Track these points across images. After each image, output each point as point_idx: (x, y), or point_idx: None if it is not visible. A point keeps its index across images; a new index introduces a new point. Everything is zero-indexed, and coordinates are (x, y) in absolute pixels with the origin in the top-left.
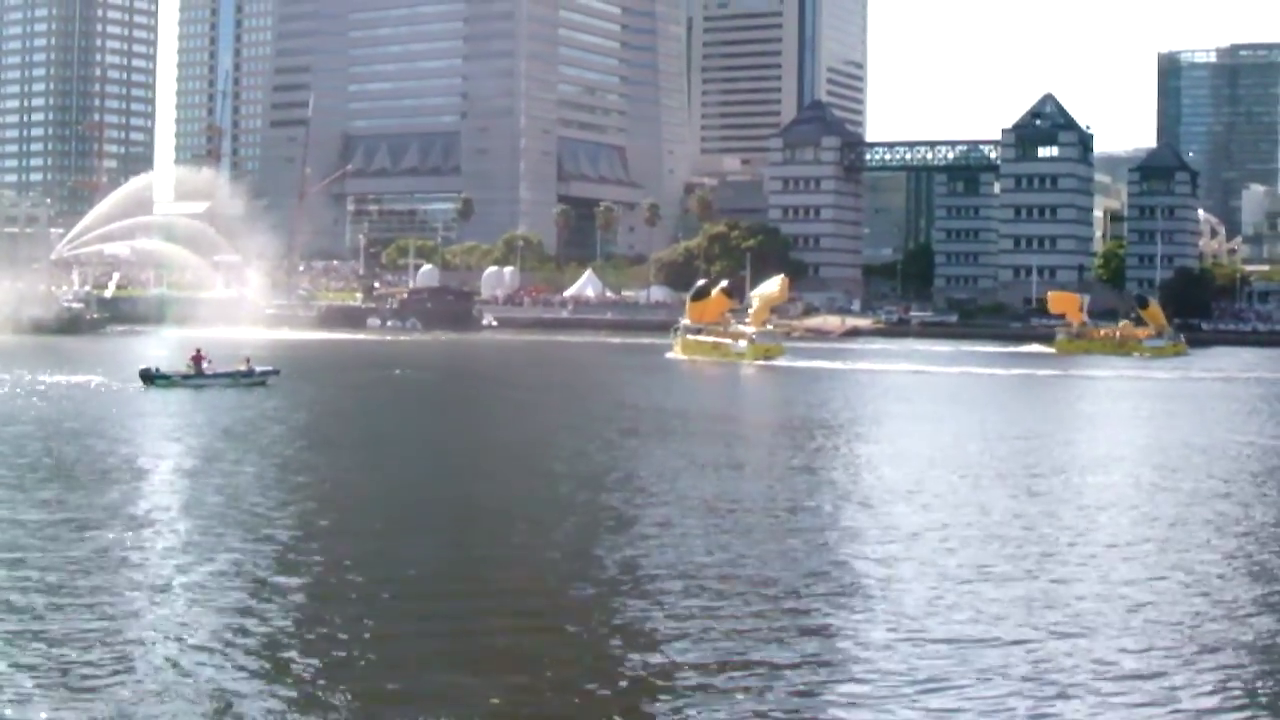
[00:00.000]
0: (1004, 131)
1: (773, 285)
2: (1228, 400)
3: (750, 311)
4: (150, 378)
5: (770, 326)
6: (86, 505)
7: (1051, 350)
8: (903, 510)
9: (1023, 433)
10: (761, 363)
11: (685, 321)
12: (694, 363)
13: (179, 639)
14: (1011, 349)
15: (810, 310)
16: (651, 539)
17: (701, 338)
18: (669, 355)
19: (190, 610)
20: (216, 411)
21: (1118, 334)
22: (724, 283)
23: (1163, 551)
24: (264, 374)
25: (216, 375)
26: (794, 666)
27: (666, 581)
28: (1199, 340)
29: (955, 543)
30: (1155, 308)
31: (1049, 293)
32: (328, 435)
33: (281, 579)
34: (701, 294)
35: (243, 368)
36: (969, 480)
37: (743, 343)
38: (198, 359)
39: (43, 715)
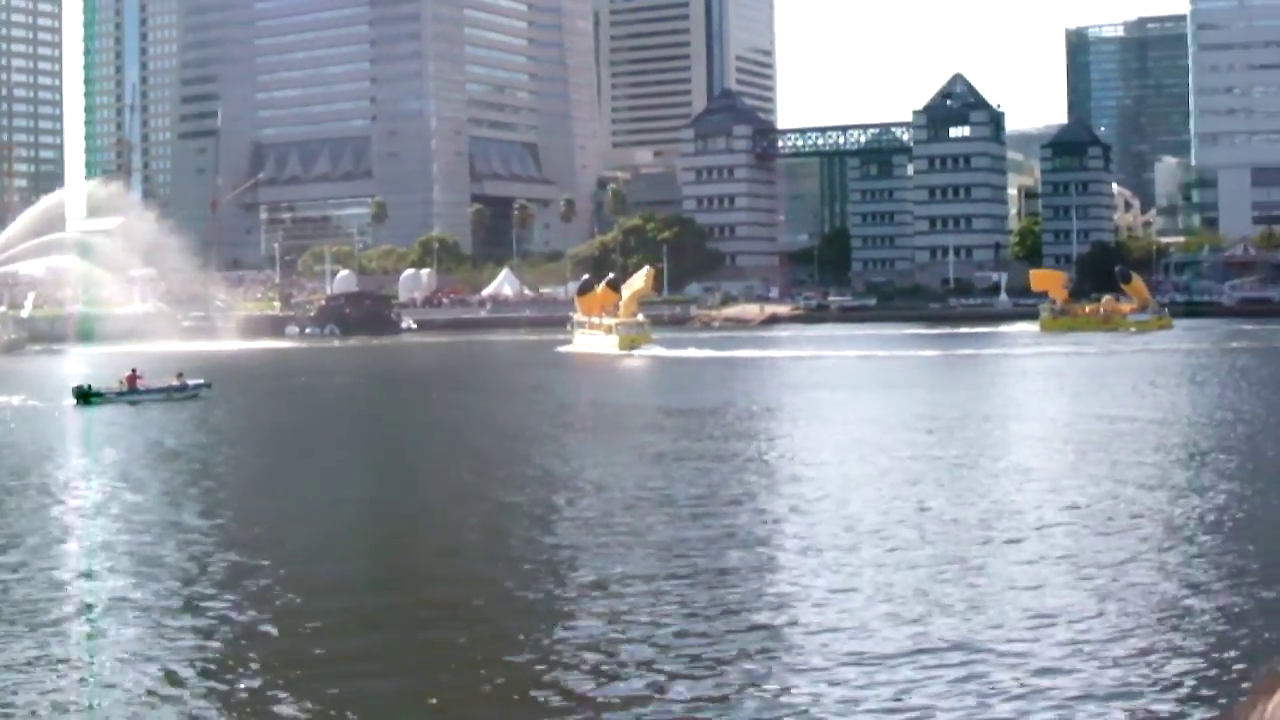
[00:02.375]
0: (915, 113)
1: (638, 279)
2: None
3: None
4: (84, 395)
5: (640, 317)
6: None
7: (1036, 328)
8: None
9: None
10: (629, 352)
11: (576, 316)
12: (582, 356)
13: (110, 652)
14: (993, 329)
15: (729, 299)
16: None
17: (585, 332)
18: (560, 349)
19: (121, 622)
20: (155, 427)
21: (1102, 310)
22: (611, 276)
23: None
24: (196, 387)
25: (150, 391)
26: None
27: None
28: None
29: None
30: (1138, 282)
31: (1031, 271)
32: (266, 444)
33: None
34: (587, 288)
35: (175, 382)
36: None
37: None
38: (132, 378)
39: None
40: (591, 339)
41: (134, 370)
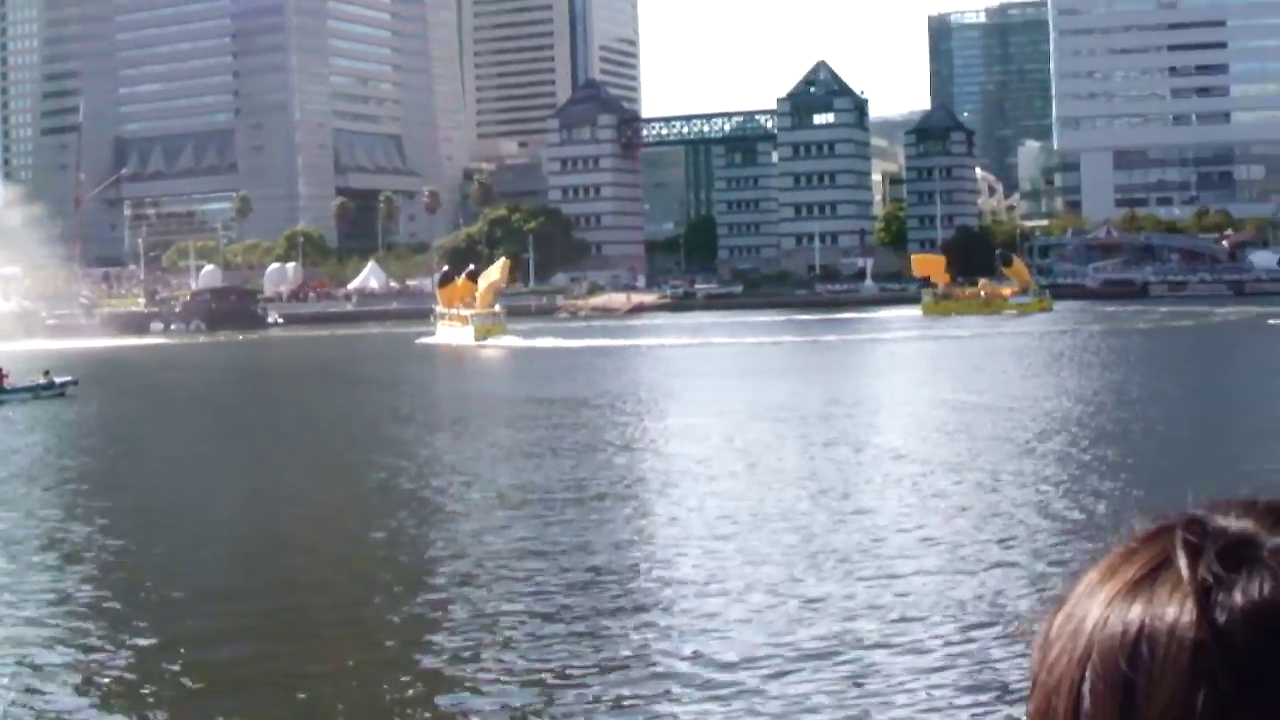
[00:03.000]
0: (779, 101)
1: (494, 270)
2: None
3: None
4: None
5: (496, 308)
6: None
7: (918, 312)
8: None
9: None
10: (483, 343)
11: (438, 307)
12: (442, 348)
13: None
14: (874, 314)
15: (595, 289)
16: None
17: (445, 324)
18: (420, 341)
19: None
20: (21, 425)
21: (983, 293)
22: (471, 267)
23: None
24: (63, 385)
25: (16, 390)
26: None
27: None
28: None
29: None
30: (1019, 264)
31: (913, 256)
32: (135, 443)
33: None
34: (447, 280)
35: (42, 380)
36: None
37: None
38: None
39: None
40: (451, 331)
41: None
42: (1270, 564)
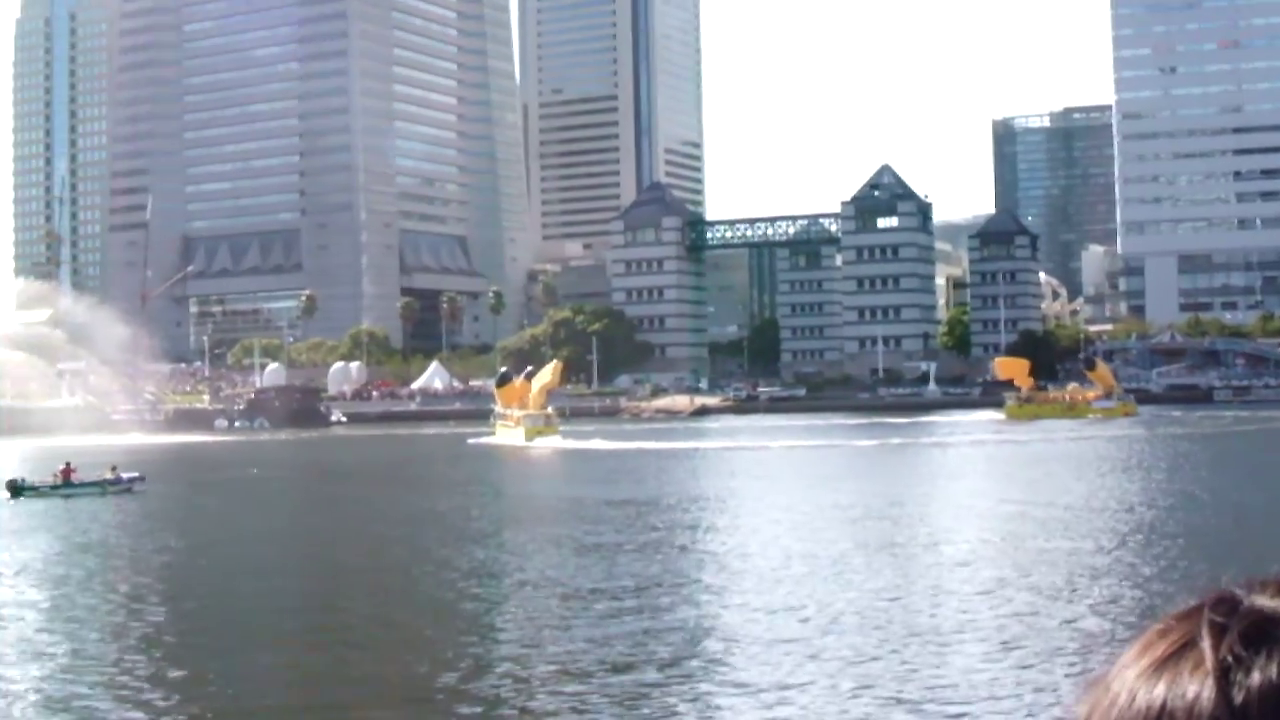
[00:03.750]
0: (843, 204)
1: (546, 372)
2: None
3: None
4: (17, 489)
5: (549, 410)
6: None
7: (998, 416)
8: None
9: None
10: (534, 444)
11: (497, 407)
12: (496, 448)
13: None
14: (963, 416)
15: (659, 391)
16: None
17: (501, 424)
18: (472, 441)
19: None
20: (90, 520)
21: (1067, 397)
22: (529, 369)
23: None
24: (130, 480)
25: (84, 485)
26: None
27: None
28: None
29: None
30: (1103, 369)
31: (995, 359)
32: (200, 539)
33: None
34: (505, 380)
35: (110, 475)
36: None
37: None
38: (67, 471)
39: None
40: (506, 431)
41: (68, 464)
42: None
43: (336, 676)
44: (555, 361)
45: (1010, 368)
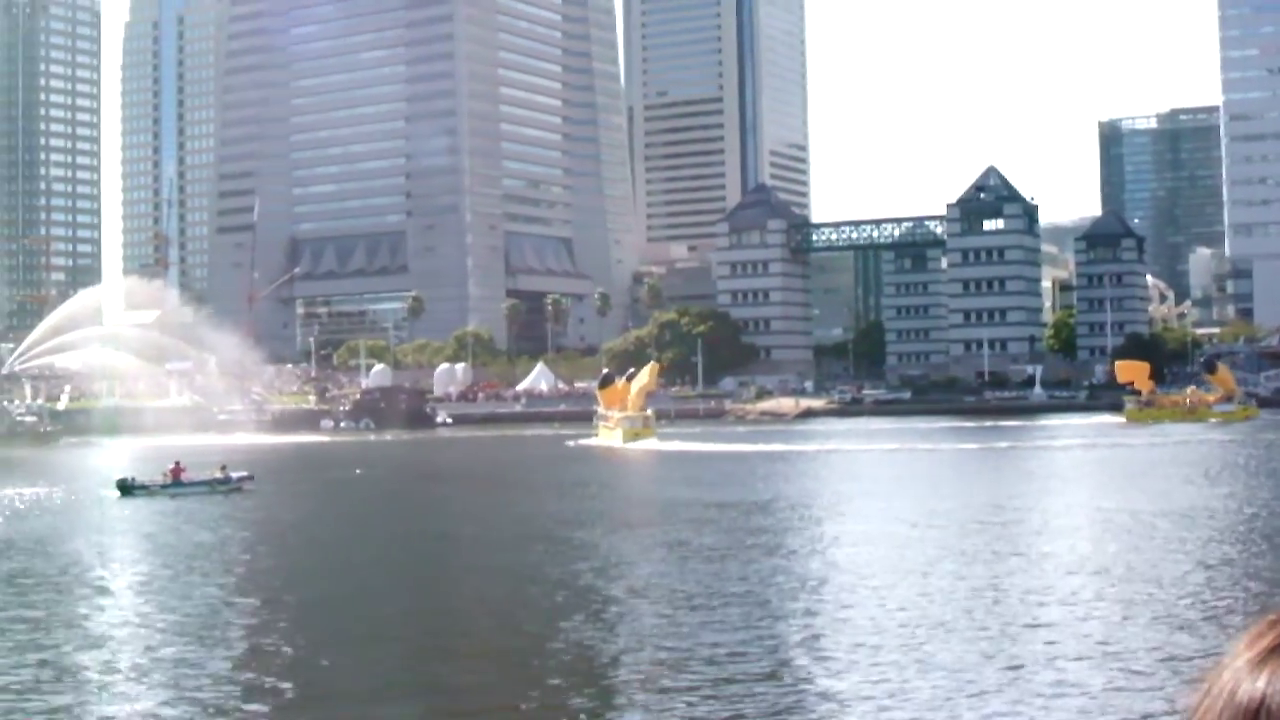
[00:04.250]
0: (949, 206)
1: (644, 374)
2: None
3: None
4: (128, 488)
5: (648, 411)
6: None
7: (1121, 420)
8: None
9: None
10: (632, 445)
11: (599, 409)
12: (600, 449)
13: None
14: (1079, 420)
15: (763, 393)
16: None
17: (603, 425)
18: (570, 443)
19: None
20: (201, 519)
21: (1187, 400)
22: (631, 371)
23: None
24: (240, 480)
25: (194, 484)
26: None
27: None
28: None
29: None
30: (1224, 372)
31: (1116, 362)
32: (310, 538)
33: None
34: (607, 382)
35: (219, 475)
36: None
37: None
38: (177, 470)
39: None
40: (605, 433)
41: (177, 463)
42: None
43: (443, 684)
44: (653, 363)
45: (1130, 371)
